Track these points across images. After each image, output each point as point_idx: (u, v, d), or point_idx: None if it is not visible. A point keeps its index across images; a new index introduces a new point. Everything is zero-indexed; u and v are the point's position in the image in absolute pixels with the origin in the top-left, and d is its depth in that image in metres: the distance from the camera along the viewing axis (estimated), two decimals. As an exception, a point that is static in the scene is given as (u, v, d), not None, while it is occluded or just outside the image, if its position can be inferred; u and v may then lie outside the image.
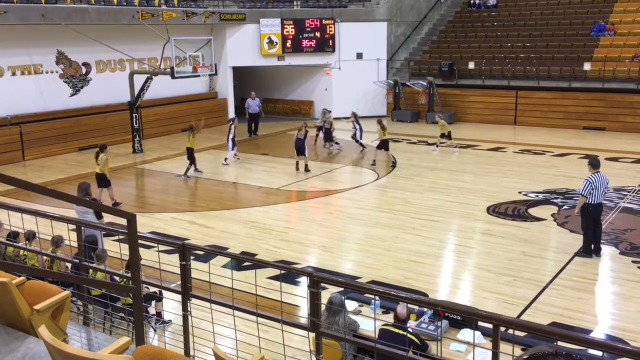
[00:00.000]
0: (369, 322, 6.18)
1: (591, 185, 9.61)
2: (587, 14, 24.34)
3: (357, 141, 18.92)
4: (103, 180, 13.43)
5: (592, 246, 9.91)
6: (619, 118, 20.90)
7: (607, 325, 7.76)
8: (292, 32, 24.23)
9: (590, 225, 9.85)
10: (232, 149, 17.43)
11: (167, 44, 18.02)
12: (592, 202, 9.67)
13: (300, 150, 16.21)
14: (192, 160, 16.10)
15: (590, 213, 9.77)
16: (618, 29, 22.89)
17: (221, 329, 4.98)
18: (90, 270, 6.50)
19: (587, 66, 21.52)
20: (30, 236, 7.82)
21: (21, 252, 7.98)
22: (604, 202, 10.07)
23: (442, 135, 18.48)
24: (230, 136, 17.37)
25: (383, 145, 17.02)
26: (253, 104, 22.47)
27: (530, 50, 23.70)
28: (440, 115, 19.53)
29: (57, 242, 7.57)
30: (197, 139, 16.19)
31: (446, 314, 6.26)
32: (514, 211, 12.43)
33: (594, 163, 9.93)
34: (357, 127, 18.88)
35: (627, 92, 20.76)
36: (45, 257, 7.77)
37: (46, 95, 19.32)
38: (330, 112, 19.78)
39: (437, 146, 18.68)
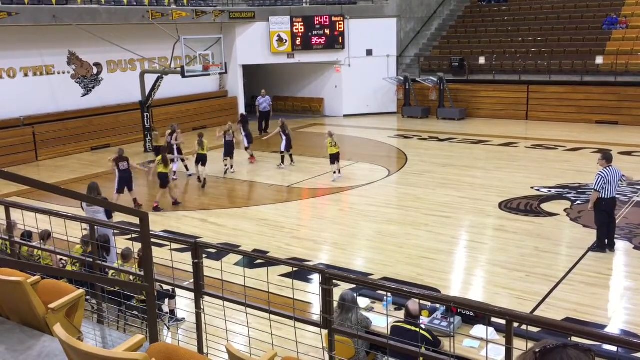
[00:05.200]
0: (381, 318, 6.18)
1: (604, 180, 9.54)
2: (598, 7, 24.12)
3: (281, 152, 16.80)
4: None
5: (606, 241, 9.83)
6: (632, 112, 20.70)
7: (621, 321, 7.70)
8: (301, 29, 24.22)
9: (604, 220, 9.77)
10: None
11: (177, 43, 18.09)
12: (606, 197, 9.59)
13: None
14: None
15: (604, 207, 9.69)
16: (630, 22, 22.66)
17: (234, 327, 4.99)
18: (111, 271, 6.55)
19: (599, 60, 21.32)
20: (45, 236, 7.88)
21: (35, 251, 8.06)
22: (617, 196, 9.98)
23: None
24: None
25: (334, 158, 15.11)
26: (264, 102, 22.47)
27: (542, 44, 23.53)
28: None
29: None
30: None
31: (459, 310, 6.24)
32: (527, 207, 12.36)
33: (608, 157, 9.85)
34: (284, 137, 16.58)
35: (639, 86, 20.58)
36: (59, 257, 7.83)
37: (58, 96, 19.46)
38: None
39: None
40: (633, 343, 3.24)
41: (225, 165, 16.32)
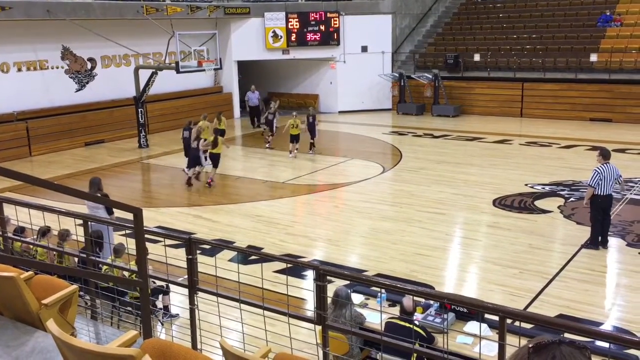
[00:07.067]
0: (375, 314, 6.19)
1: (599, 176, 9.54)
2: (593, 4, 24.16)
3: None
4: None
5: (599, 238, 9.86)
6: (625, 109, 20.77)
7: (614, 317, 7.74)
8: (296, 25, 24.18)
9: (599, 216, 9.79)
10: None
11: (171, 38, 18.02)
12: (601, 194, 9.58)
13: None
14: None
15: (599, 204, 9.69)
16: (625, 20, 22.72)
17: (228, 323, 5.00)
18: (105, 267, 6.53)
19: (593, 57, 21.38)
20: (43, 232, 7.84)
21: (31, 247, 8.02)
22: (612, 193, 9.97)
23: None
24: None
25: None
26: (253, 97, 22.68)
27: (536, 41, 23.57)
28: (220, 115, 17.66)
29: (62, 235, 7.60)
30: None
31: (452, 307, 6.26)
32: (520, 203, 12.39)
33: (605, 153, 9.83)
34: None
35: (633, 83, 20.62)
36: (53, 252, 7.81)
37: (52, 91, 19.37)
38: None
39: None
40: (625, 339, 3.26)
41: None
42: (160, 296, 7.68)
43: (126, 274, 6.48)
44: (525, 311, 6.97)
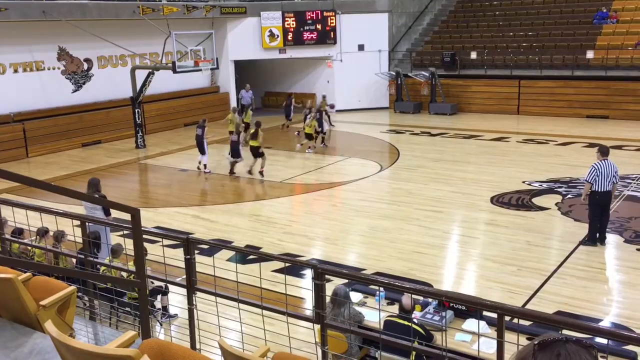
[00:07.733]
0: (374, 313, 6.19)
1: (596, 172, 9.54)
2: (589, 1, 24.19)
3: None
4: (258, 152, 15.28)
5: (597, 235, 9.87)
6: (622, 106, 20.81)
7: (612, 314, 7.76)
8: (293, 24, 24.16)
9: (597, 213, 9.79)
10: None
11: (168, 38, 18.00)
12: (599, 190, 9.58)
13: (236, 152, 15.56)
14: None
15: (598, 201, 9.69)
16: (621, 17, 22.75)
17: (227, 322, 5.00)
18: (103, 268, 6.53)
19: (589, 54, 21.41)
20: (42, 233, 7.83)
21: (29, 248, 8.02)
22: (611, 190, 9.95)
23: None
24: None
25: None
26: (246, 96, 22.73)
27: (533, 39, 23.59)
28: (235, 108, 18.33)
29: (57, 237, 7.60)
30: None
31: (451, 304, 6.26)
32: (518, 201, 12.41)
33: (603, 150, 9.83)
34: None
35: (630, 80, 20.65)
36: (50, 253, 7.80)
37: (48, 92, 19.33)
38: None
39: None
40: (623, 336, 3.27)
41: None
42: (159, 296, 7.67)
43: (124, 274, 6.47)
44: (523, 308, 7.00)
